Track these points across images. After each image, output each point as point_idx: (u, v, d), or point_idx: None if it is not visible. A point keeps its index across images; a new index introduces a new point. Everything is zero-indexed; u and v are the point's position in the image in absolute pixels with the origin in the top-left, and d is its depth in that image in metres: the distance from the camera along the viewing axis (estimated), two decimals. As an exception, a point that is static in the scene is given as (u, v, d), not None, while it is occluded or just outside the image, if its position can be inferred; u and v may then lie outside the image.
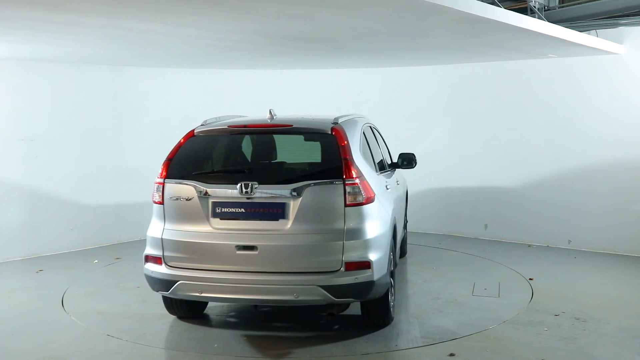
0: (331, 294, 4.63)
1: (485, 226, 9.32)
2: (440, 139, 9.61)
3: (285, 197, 4.73)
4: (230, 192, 4.82)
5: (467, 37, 6.73)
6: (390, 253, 5.23)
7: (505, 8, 6.21)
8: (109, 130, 9.06)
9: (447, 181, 9.51)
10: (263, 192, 4.76)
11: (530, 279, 6.88)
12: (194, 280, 4.81)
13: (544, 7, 7.92)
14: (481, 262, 7.79)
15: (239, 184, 4.77)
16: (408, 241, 8.35)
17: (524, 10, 7.28)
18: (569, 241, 8.59)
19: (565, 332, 5.23)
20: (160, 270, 4.93)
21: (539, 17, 7.20)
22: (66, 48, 7.09)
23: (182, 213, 4.93)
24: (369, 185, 4.92)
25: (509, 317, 5.53)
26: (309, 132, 5.19)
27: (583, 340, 5.03)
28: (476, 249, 8.51)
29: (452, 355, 4.73)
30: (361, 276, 4.68)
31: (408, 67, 9.76)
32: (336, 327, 5.40)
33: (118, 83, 9.17)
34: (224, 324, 5.57)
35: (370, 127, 6.39)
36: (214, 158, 5.33)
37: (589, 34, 7.73)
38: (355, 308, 5.39)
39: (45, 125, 8.45)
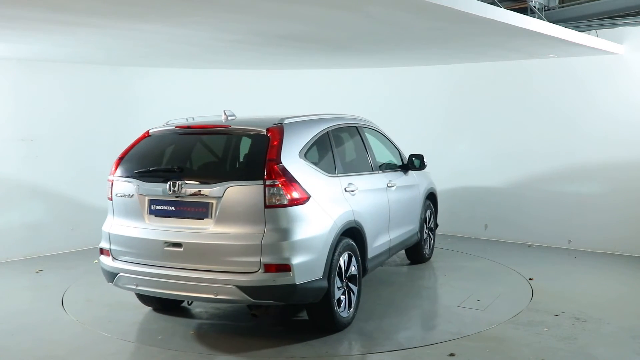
0: (248, 295, 4.64)
1: (485, 226, 9.33)
2: (440, 138, 9.61)
3: (209, 196, 4.80)
4: (161, 190, 4.97)
5: (467, 37, 6.73)
6: (338, 257, 5.08)
7: (505, 8, 6.21)
8: (109, 130, 9.05)
9: (447, 181, 9.51)
10: (189, 191, 4.86)
11: (530, 279, 6.88)
12: (130, 274, 5.07)
13: (544, 7, 7.92)
14: (497, 271, 7.35)
15: (167, 183, 4.90)
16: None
17: (524, 10, 7.28)
18: (569, 241, 8.60)
19: (565, 332, 5.23)
20: (108, 262, 5.25)
21: (539, 17, 7.20)
22: (66, 48, 7.09)
23: (125, 209, 5.19)
24: (300, 187, 4.82)
25: (471, 333, 5.21)
26: (245, 133, 5.12)
27: (583, 340, 5.03)
28: (476, 249, 8.51)
29: (452, 355, 4.73)
30: (280, 279, 4.62)
31: (408, 67, 9.77)
32: (280, 329, 5.40)
33: (118, 83, 9.17)
34: (191, 318, 5.71)
35: (356, 127, 6.31)
36: (157, 157, 5.36)
37: (589, 34, 7.73)
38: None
39: (45, 125, 8.45)
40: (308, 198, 4.87)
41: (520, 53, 8.16)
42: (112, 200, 5.29)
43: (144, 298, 5.79)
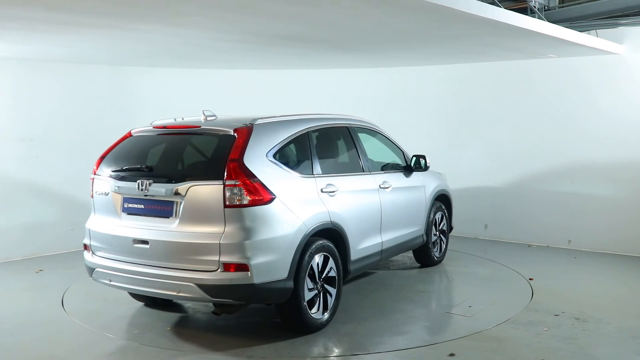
0: (207, 293, 4.71)
1: (485, 226, 9.32)
2: (440, 139, 9.60)
3: (173, 195, 4.88)
4: (132, 189, 5.10)
5: (467, 37, 6.73)
6: (309, 258, 5.06)
7: (505, 8, 6.22)
8: (109, 129, 9.01)
9: (448, 181, 9.50)
10: (155, 190, 4.97)
11: (530, 279, 6.88)
12: (105, 269, 5.25)
13: (544, 7, 7.92)
14: (500, 275, 7.18)
15: (137, 182, 5.03)
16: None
17: (524, 10, 7.28)
18: (569, 241, 8.60)
19: (565, 332, 5.23)
20: (88, 257, 5.46)
21: (539, 17, 7.20)
22: (66, 48, 7.09)
23: (103, 207, 5.39)
24: (264, 187, 4.81)
25: (440, 340, 5.07)
26: (214, 133, 5.12)
27: (583, 340, 5.03)
28: (476, 249, 8.51)
29: (452, 355, 4.73)
30: (237, 278, 4.65)
31: (408, 67, 9.77)
32: (257, 328, 5.46)
33: (118, 83, 9.17)
34: (176, 313, 5.83)
35: (347, 128, 6.23)
36: (133, 157, 5.44)
37: (589, 34, 7.73)
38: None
39: (45, 125, 8.46)
40: (272, 198, 4.85)
41: (520, 53, 8.16)
42: (93, 197, 5.48)
43: (134, 294, 5.88)
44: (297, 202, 5.09)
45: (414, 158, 7.01)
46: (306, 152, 5.52)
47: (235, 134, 4.96)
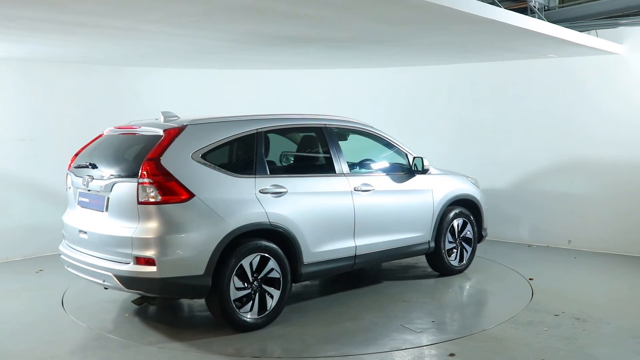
0: (122, 284, 5.02)
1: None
2: (440, 139, 9.61)
3: (104, 191, 5.25)
4: (80, 184, 5.58)
5: (466, 37, 6.73)
6: (237, 258, 5.09)
7: (505, 8, 6.22)
8: (109, 130, 9.06)
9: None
10: (93, 186, 5.39)
11: (530, 279, 6.89)
12: (64, 256, 5.70)
13: (544, 7, 7.91)
14: (503, 277, 7.09)
15: (82, 177, 5.52)
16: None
17: (524, 10, 7.28)
18: (569, 241, 8.60)
19: (565, 332, 5.23)
20: (60, 245, 5.89)
21: (539, 17, 7.20)
22: (66, 48, 7.09)
23: (69, 199, 5.91)
24: (180, 186, 4.95)
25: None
26: (147, 134, 5.36)
27: (583, 340, 5.03)
28: (476, 249, 8.48)
29: (452, 355, 4.73)
30: (145, 272, 4.89)
31: (407, 67, 9.77)
32: (195, 322, 5.71)
33: (118, 83, 9.17)
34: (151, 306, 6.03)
35: (321, 129, 6.06)
36: (92, 155, 5.75)
37: (589, 34, 7.73)
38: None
39: (45, 125, 8.46)
40: (189, 197, 4.97)
41: (520, 53, 8.16)
42: (66, 191, 5.96)
43: None
44: (223, 202, 5.14)
45: (420, 160, 6.70)
46: (249, 153, 5.50)
47: (164, 134, 5.16)
